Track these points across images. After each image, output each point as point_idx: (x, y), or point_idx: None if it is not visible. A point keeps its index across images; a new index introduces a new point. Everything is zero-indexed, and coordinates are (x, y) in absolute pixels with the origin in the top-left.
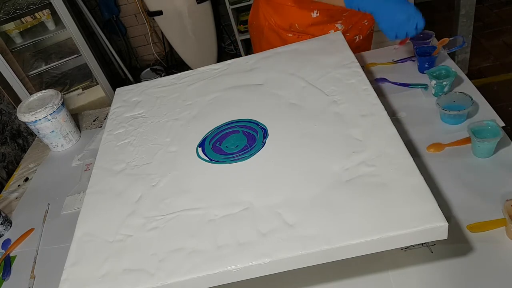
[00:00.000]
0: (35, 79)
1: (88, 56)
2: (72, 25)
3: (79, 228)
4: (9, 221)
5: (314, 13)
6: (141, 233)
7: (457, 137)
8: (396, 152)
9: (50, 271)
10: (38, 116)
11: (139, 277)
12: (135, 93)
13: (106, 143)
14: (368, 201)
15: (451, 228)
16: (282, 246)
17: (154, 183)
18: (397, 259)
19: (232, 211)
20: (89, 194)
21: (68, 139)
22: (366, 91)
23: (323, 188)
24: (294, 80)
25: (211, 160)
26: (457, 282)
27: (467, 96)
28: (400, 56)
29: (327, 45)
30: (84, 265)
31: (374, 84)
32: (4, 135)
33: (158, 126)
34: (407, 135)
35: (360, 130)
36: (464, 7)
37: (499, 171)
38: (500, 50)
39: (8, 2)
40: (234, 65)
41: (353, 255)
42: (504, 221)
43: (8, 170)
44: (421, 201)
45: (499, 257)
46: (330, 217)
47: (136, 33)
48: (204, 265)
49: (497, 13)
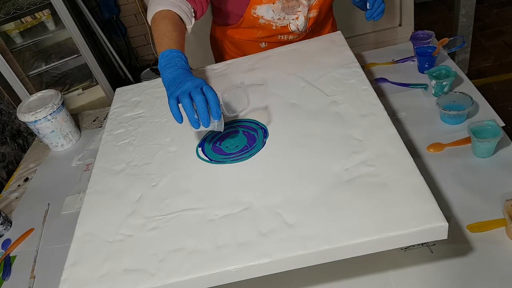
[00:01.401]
0: (35, 79)
1: (88, 56)
2: (72, 25)
3: (79, 228)
4: (9, 221)
5: (262, 44)
6: (141, 233)
7: (457, 137)
8: (396, 152)
9: (50, 271)
10: (38, 116)
11: (139, 277)
12: (135, 93)
13: (106, 143)
14: (368, 201)
15: (451, 228)
16: (282, 246)
17: (154, 183)
18: (397, 259)
19: (232, 211)
20: (89, 194)
21: (68, 139)
22: (366, 91)
23: (323, 188)
24: (294, 80)
25: (211, 160)
26: (457, 282)
27: (467, 96)
28: (400, 56)
29: (327, 45)
30: (84, 265)
31: (374, 84)
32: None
33: (158, 126)
34: (407, 135)
35: (360, 130)
36: (464, 7)
37: (499, 171)
38: (500, 50)
39: (8, 2)
40: (234, 65)
41: (353, 255)
42: (504, 221)
43: (8, 170)
44: (421, 201)
45: (499, 257)
46: (330, 217)
47: (136, 33)
48: (204, 265)
49: (497, 13)
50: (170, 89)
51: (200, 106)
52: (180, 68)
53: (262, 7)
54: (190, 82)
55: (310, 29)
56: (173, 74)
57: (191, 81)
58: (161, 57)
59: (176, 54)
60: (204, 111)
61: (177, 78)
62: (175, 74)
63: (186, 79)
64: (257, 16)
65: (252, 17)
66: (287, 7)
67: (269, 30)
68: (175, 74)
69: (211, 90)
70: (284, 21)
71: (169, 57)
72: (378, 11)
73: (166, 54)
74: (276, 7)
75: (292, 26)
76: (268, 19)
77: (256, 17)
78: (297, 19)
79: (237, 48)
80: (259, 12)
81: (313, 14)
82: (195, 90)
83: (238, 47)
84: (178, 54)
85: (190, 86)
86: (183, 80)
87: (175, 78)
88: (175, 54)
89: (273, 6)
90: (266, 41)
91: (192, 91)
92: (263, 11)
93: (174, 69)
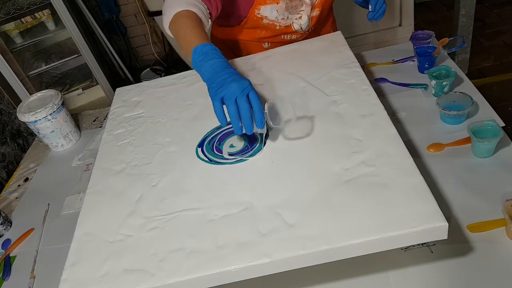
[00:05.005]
0: (35, 79)
1: (88, 56)
2: (72, 25)
3: (79, 228)
4: (9, 221)
5: (265, 44)
6: (141, 233)
7: (457, 137)
8: (396, 152)
9: (50, 271)
10: (38, 116)
11: (139, 277)
12: (135, 93)
13: (106, 143)
14: (368, 201)
15: (451, 228)
16: (282, 246)
17: (154, 183)
18: (397, 259)
19: (232, 211)
20: (89, 194)
21: (68, 139)
22: (366, 91)
23: (323, 188)
24: (294, 80)
25: (210, 161)
26: (457, 282)
27: (467, 96)
28: (400, 56)
29: (327, 45)
30: (84, 265)
31: (374, 84)
32: (4, 135)
33: (158, 126)
34: (407, 135)
35: (360, 130)
36: (464, 7)
37: (499, 171)
38: (500, 50)
39: (8, 2)
40: (234, 65)
41: (353, 255)
42: (504, 221)
43: (8, 170)
44: (421, 201)
45: (499, 257)
46: (330, 217)
47: (136, 33)
48: (204, 265)
49: (497, 13)
50: (213, 87)
51: (245, 115)
52: (220, 59)
53: (266, 7)
54: (235, 84)
55: (313, 28)
56: (213, 68)
57: (237, 82)
58: (195, 53)
59: (210, 48)
60: (249, 120)
61: (219, 73)
62: (216, 68)
63: (230, 78)
64: (261, 17)
65: (256, 18)
66: (290, 6)
67: (272, 30)
68: (215, 68)
69: (257, 98)
70: (288, 20)
71: (203, 52)
72: (380, 12)
73: (199, 49)
74: (280, 7)
75: (296, 26)
76: (272, 19)
77: (260, 18)
78: (300, 19)
79: (239, 49)
80: (263, 13)
81: (315, 13)
82: (241, 95)
83: (240, 48)
84: (212, 47)
85: (236, 89)
86: (227, 79)
87: (216, 73)
88: (209, 47)
89: (277, 6)
90: (269, 41)
91: (238, 96)
92: (267, 11)
93: (214, 62)
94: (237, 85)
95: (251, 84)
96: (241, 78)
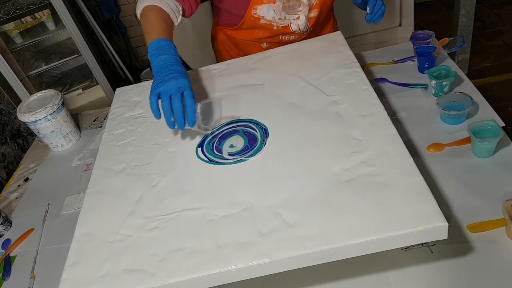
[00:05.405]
0: (35, 79)
1: (88, 56)
2: (72, 25)
3: (79, 228)
4: (9, 221)
5: (264, 44)
6: (141, 233)
7: (457, 137)
8: (396, 152)
9: (50, 271)
10: (38, 116)
11: (139, 277)
12: (135, 93)
13: (106, 143)
14: (368, 201)
15: (451, 228)
16: (282, 246)
17: (154, 183)
18: (397, 259)
19: (232, 211)
20: (89, 194)
21: (68, 139)
22: (366, 91)
23: (323, 188)
24: (294, 80)
25: (210, 161)
26: (457, 282)
27: (467, 96)
28: (400, 56)
29: (327, 45)
30: (84, 265)
31: (374, 84)
32: (4, 135)
33: (158, 126)
34: (407, 135)
35: (360, 130)
36: (464, 7)
37: (499, 171)
38: (500, 50)
39: (8, 2)
40: (234, 65)
41: (353, 255)
42: (504, 221)
43: (8, 170)
44: (421, 201)
45: (499, 257)
46: (330, 217)
47: (136, 33)
48: (204, 265)
49: (497, 13)
50: (154, 82)
51: (176, 112)
52: (170, 55)
53: (263, 7)
54: (174, 81)
55: (312, 29)
56: (162, 63)
57: (176, 80)
58: (151, 47)
59: (165, 43)
60: (180, 116)
61: (164, 69)
62: (164, 63)
63: (171, 75)
64: (258, 17)
65: (253, 18)
66: (287, 6)
67: (270, 30)
68: (163, 63)
69: (191, 98)
70: (285, 21)
71: (158, 46)
72: (378, 14)
73: (155, 43)
74: (276, 6)
75: (293, 26)
76: (269, 19)
77: (257, 18)
78: (298, 19)
79: (239, 49)
80: (260, 12)
81: (314, 14)
82: (176, 93)
83: (239, 48)
84: (167, 43)
85: (172, 87)
86: (168, 75)
87: (162, 69)
88: (164, 43)
89: (273, 6)
90: (267, 42)
91: (173, 94)
92: (263, 11)
93: (164, 57)
94: (175, 83)
95: (189, 84)
96: (182, 77)
